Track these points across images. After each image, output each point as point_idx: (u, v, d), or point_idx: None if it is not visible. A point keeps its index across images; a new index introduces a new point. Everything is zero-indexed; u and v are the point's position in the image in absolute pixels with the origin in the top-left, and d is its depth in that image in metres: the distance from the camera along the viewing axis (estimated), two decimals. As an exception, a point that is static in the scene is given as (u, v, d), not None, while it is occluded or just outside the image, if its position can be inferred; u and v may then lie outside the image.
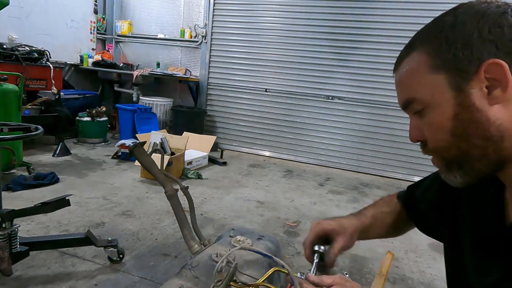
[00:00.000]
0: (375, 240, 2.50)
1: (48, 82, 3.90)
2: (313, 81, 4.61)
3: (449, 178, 0.59)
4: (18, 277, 1.67)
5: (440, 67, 0.54)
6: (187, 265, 0.85)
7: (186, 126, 4.56)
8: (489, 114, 0.51)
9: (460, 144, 0.54)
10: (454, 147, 0.55)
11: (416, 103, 0.58)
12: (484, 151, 0.53)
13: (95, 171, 3.41)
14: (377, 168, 4.46)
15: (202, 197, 3.01)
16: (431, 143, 0.59)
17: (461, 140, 0.54)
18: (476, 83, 0.51)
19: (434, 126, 0.57)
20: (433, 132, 0.57)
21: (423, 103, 0.57)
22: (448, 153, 0.57)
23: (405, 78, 0.60)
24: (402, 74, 0.60)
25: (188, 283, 0.78)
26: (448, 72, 0.53)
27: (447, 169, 0.59)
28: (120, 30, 5.69)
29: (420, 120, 0.59)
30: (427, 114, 0.57)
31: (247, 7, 4.82)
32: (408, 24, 4.08)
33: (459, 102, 0.53)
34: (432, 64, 0.55)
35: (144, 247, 2.08)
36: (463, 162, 0.56)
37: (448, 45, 0.53)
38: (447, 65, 0.53)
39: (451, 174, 0.59)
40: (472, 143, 0.53)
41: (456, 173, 0.58)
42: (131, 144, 2.11)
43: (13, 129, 1.88)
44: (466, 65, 0.52)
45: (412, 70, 0.58)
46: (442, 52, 0.53)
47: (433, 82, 0.55)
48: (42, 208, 1.71)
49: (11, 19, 4.06)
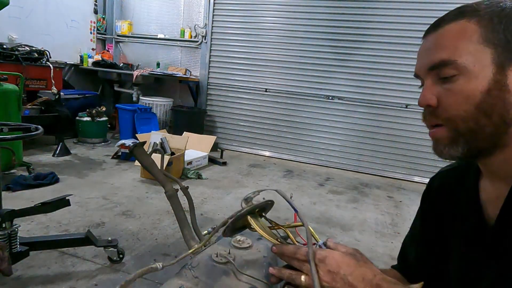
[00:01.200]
0: (375, 240, 2.51)
1: (48, 82, 3.90)
2: (313, 81, 4.61)
3: (449, 150, 0.59)
4: (18, 277, 1.67)
5: (490, 41, 0.54)
6: (187, 265, 0.85)
7: (186, 126, 4.56)
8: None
9: (480, 119, 0.55)
10: (473, 119, 0.55)
11: (452, 67, 0.57)
12: (496, 131, 0.55)
13: (95, 171, 3.41)
14: (377, 168, 4.46)
15: (202, 197, 3.01)
16: (450, 111, 0.57)
17: (483, 115, 0.55)
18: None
19: (463, 94, 0.56)
20: (458, 101, 0.56)
21: (460, 69, 0.56)
22: (464, 124, 0.56)
23: (449, 40, 0.58)
24: (445, 36, 0.58)
25: (188, 283, 0.78)
26: (497, 49, 0.54)
27: (452, 141, 0.58)
28: (120, 30, 5.69)
29: (440, 86, 0.59)
30: (458, 81, 0.56)
31: (247, 7, 4.82)
32: (408, 24, 4.08)
33: (497, 79, 0.54)
34: (485, 36, 0.55)
35: (144, 247, 2.08)
36: (473, 137, 0.57)
37: (505, 25, 0.54)
38: (498, 42, 0.54)
39: (453, 147, 0.58)
40: (491, 121, 0.55)
41: (460, 147, 0.58)
42: (131, 144, 2.11)
43: (13, 129, 1.88)
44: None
45: (460, 34, 0.57)
46: (497, 30, 0.54)
47: (480, 52, 0.55)
48: (42, 208, 1.71)
49: (11, 19, 4.06)
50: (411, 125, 4.17)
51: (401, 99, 4.22)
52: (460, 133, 0.57)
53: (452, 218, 0.70)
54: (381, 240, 2.53)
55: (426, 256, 0.78)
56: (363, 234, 2.60)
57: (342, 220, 2.84)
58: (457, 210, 0.69)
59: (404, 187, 4.02)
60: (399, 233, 2.62)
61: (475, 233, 0.63)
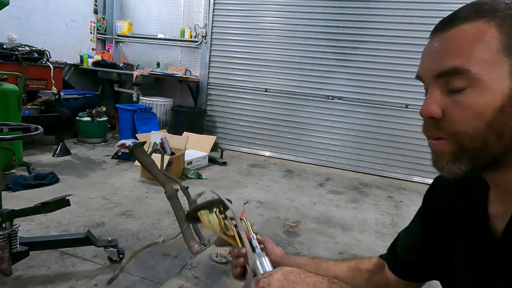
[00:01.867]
0: (375, 240, 2.51)
1: (48, 82, 3.90)
2: (313, 81, 4.61)
3: (450, 168, 0.53)
4: (18, 277, 1.67)
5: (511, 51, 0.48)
6: (187, 265, 0.85)
7: (186, 126, 4.56)
8: None
9: (490, 137, 0.50)
10: (482, 139, 0.50)
11: (463, 77, 0.50)
12: (504, 150, 0.50)
13: (95, 171, 3.41)
14: (377, 168, 4.46)
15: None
16: (457, 126, 0.51)
17: (493, 134, 0.49)
18: None
19: (473, 110, 0.50)
20: (467, 116, 0.50)
21: (472, 80, 0.49)
22: (471, 142, 0.50)
23: (463, 45, 0.50)
24: (459, 39, 0.51)
25: (188, 283, 0.78)
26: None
27: (454, 157, 0.52)
28: (120, 30, 5.69)
29: (447, 97, 0.52)
30: (469, 94, 0.50)
31: (247, 7, 4.81)
32: (408, 24, 4.08)
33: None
34: (505, 44, 0.48)
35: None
36: (478, 155, 0.51)
37: None
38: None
39: (456, 164, 0.53)
40: (501, 140, 0.49)
41: (463, 165, 0.52)
42: (131, 144, 2.11)
43: (13, 129, 1.88)
44: None
45: (477, 39, 0.49)
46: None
47: (497, 63, 0.49)
48: (42, 208, 1.71)
49: (11, 19, 4.05)
50: (411, 125, 4.16)
51: (401, 99, 4.22)
52: (465, 150, 0.51)
53: (457, 227, 0.67)
54: (381, 240, 2.53)
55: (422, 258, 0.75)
56: (363, 234, 2.60)
57: (342, 220, 2.84)
58: (463, 219, 0.65)
59: (404, 187, 4.02)
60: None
61: (482, 246, 0.59)
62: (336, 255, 2.23)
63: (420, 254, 0.76)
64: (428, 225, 0.75)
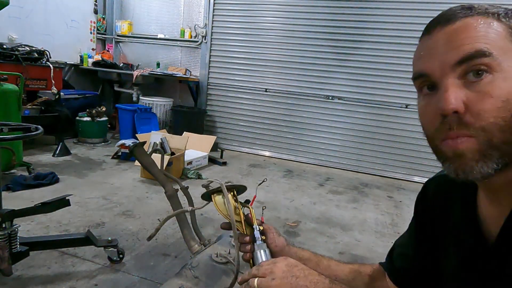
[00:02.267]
0: (375, 240, 2.51)
1: (48, 82, 3.90)
2: (313, 81, 4.61)
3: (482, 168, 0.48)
4: (18, 277, 1.67)
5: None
6: (187, 265, 0.85)
7: (186, 126, 4.56)
8: None
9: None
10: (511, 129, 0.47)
11: (487, 62, 0.47)
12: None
13: (95, 171, 3.41)
14: (377, 168, 4.46)
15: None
16: (486, 118, 0.47)
17: None
18: None
19: (501, 98, 0.46)
20: (495, 105, 0.46)
21: (494, 66, 0.47)
22: (502, 135, 0.47)
23: (480, 30, 0.48)
24: (474, 26, 0.49)
25: (188, 283, 0.78)
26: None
27: (483, 155, 0.48)
28: (120, 30, 5.69)
29: (468, 88, 0.49)
30: (495, 81, 0.47)
31: (247, 7, 4.81)
32: (408, 24, 4.08)
33: None
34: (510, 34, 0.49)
35: (144, 247, 2.08)
36: (509, 150, 0.47)
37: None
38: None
39: (486, 163, 0.48)
40: None
41: (493, 163, 0.48)
42: (131, 144, 2.11)
43: (13, 129, 1.88)
44: None
45: (490, 27, 0.48)
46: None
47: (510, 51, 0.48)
48: (42, 208, 1.71)
49: (11, 19, 4.06)
50: (411, 125, 4.16)
51: (401, 99, 4.22)
52: (494, 145, 0.47)
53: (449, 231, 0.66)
54: (381, 240, 2.53)
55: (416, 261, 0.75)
56: (363, 234, 2.60)
57: (342, 220, 2.84)
58: (455, 223, 0.65)
59: (404, 187, 4.02)
60: (399, 233, 2.61)
61: (475, 250, 0.58)
62: (336, 255, 2.23)
63: (415, 261, 0.75)
64: (421, 231, 0.75)
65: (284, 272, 0.64)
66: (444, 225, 0.68)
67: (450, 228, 0.66)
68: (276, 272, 0.64)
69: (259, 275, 0.65)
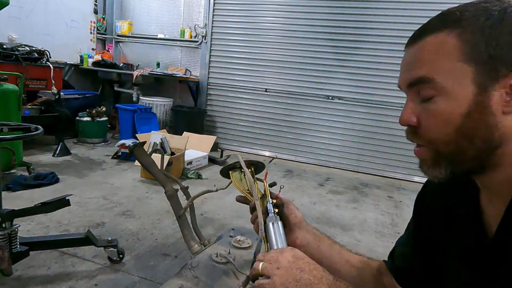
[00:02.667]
0: (375, 240, 2.51)
1: (48, 82, 3.90)
2: (313, 81, 4.61)
3: (432, 172, 0.57)
4: (18, 277, 1.67)
5: (472, 58, 0.50)
6: (187, 265, 0.85)
7: (186, 126, 4.56)
8: (498, 119, 0.50)
9: (462, 142, 0.52)
10: (454, 143, 0.53)
11: (430, 86, 0.53)
12: (480, 154, 0.52)
13: (95, 171, 3.41)
14: (377, 168, 4.46)
15: (202, 197, 2.99)
16: (431, 134, 0.55)
17: (464, 139, 0.52)
18: (500, 87, 0.50)
19: (442, 117, 0.53)
20: (437, 123, 0.53)
21: (438, 89, 0.52)
22: (445, 148, 0.54)
23: (427, 56, 0.54)
24: (424, 51, 0.54)
25: (188, 283, 0.78)
26: (478, 66, 0.50)
27: (434, 163, 0.56)
28: (120, 30, 5.69)
29: (420, 105, 0.56)
30: (437, 102, 0.53)
31: (247, 7, 4.82)
32: (408, 24, 4.08)
33: (478, 101, 0.50)
34: (465, 52, 0.50)
35: (144, 247, 2.08)
36: (455, 159, 0.54)
37: (489, 39, 0.49)
38: (480, 60, 0.50)
39: (436, 169, 0.56)
40: (473, 144, 0.52)
41: (442, 169, 0.55)
42: (131, 144, 2.11)
43: (13, 129, 1.88)
44: (499, 65, 0.49)
45: (439, 50, 0.52)
46: (479, 45, 0.50)
47: (459, 71, 0.51)
48: (42, 208, 1.71)
49: (11, 19, 4.06)
50: (411, 125, 4.15)
51: (401, 99, 4.22)
52: (442, 155, 0.55)
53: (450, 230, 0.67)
54: (381, 240, 2.54)
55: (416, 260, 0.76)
56: (363, 234, 2.60)
57: (342, 220, 2.84)
58: (456, 222, 0.66)
59: (404, 187, 4.02)
60: (399, 233, 2.61)
61: (476, 247, 0.60)
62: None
63: (416, 260, 0.76)
64: (421, 229, 0.75)
65: (289, 263, 0.63)
66: (445, 224, 0.68)
67: (452, 226, 0.67)
68: (281, 261, 0.64)
69: (264, 261, 0.65)
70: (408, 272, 0.78)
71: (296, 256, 0.65)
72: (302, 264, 0.63)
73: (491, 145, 0.51)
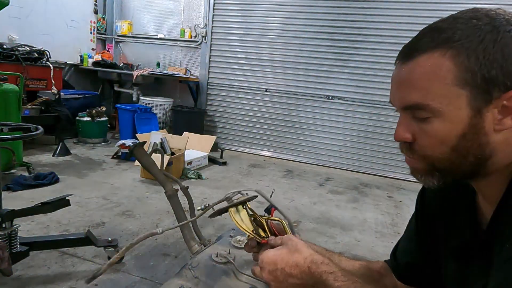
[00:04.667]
0: (375, 240, 2.51)
1: (48, 82, 3.90)
2: (313, 81, 4.61)
3: (425, 180, 0.60)
4: (18, 277, 1.67)
5: (467, 82, 0.51)
6: (187, 265, 0.85)
7: (186, 126, 4.56)
8: (490, 137, 0.52)
9: (456, 159, 0.55)
10: (448, 160, 0.55)
11: (425, 111, 0.54)
12: (472, 168, 0.55)
13: (95, 171, 3.41)
14: (377, 168, 4.46)
15: (202, 197, 3.01)
16: (426, 151, 0.57)
17: (458, 156, 0.54)
18: (493, 108, 0.51)
19: (437, 138, 0.54)
20: (433, 143, 0.55)
21: (434, 112, 0.53)
22: (440, 164, 0.56)
23: (421, 81, 0.54)
24: (418, 74, 0.54)
25: (188, 283, 0.78)
26: (473, 90, 0.51)
27: (427, 173, 0.59)
28: (120, 30, 5.69)
29: (415, 124, 0.57)
30: (432, 123, 0.54)
31: (247, 7, 4.81)
32: (408, 24, 4.08)
33: (473, 123, 0.52)
34: (459, 76, 0.51)
35: (144, 247, 2.08)
36: (449, 173, 0.57)
37: (484, 62, 0.49)
38: (475, 83, 0.50)
39: (429, 179, 0.59)
40: (466, 160, 0.54)
41: (435, 180, 0.58)
42: (131, 144, 2.11)
43: (13, 129, 1.88)
44: (492, 87, 0.50)
45: (433, 75, 0.52)
46: (474, 68, 0.50)
47: (454, 95, 0.52)
48: (42, 208, 1.71)
49: (11, 19, 4.05)
50: (411, 125, 4.16)
51: (401, 99, 4.22)
52: (435, 168, 0.57)
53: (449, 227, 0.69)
54: (381, 240, 2.54)
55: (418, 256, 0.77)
56: (363, 234, 2.60)
57: (342, 220, 2.84)
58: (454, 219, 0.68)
59: (404, 187, 4.02)
60: (399, 233, 2.61)
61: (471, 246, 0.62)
62: (336, 255, 2.23)
63: (418, 256, 0.77)
64: (421, 227, 0.77)
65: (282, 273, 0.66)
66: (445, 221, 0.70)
67: (451, 224, 0.69)
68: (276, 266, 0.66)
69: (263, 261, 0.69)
70: (410, 268, 0.79)
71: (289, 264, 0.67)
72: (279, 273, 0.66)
73: (482, 159, 0.54)
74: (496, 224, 0.55)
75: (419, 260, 0.77)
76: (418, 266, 0.77)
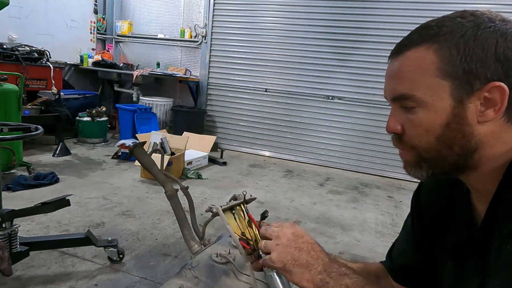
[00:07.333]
0: (375, 240, 2.51)
1: (48, 82, 3.90)
2: (313, 81, 4.61)
3: (415, 173, 0.62)
4: (18, 277, 1.67)
5: (448, 74, 0.54)
6: (187, 265, 0.85)
7: (186, 126, 4.56)
8: (474, 128, 0.55)
9: (442, 149, 0.57)
10: (435, 150, 0.57)
11: (411, 101, 0.57)
12: (458, 159, 0.57)
13: (95, 171, 3.41)
14: (377, 168, 4.46)
15: (202, 197, 3.01)
16: (413, 141, 0.59)
17: (444, 146, 0.56)
18: (475, 99, 0.54)
19: (423, 127, 0.57)
20: (419, 132, 0.58)
21: (419, 102, 0.56)
22: (427, 154, 0.58)
23: (407, 73, 0.58)
24: (405, 67, 0.58)
25: (188, 283, 0.78)
26: (455, 81, 0.54)
27: (417, 165, 0.61)
28: (120, 30, 5.69)
29: (404, 115, 0.59)
30: (418, 113, 0.57)
31: (247, 7, 4.82)
32: (408, 24, 4.07)
33: (456, 113, 0.54)
34: (442, 68, 0.54)
35: (144, 247, 2.08)
36: (436, 164, 0.59)
37: (464, 55, 0.53)
38: (456, 75, 0.53)
39: (418, 171, 0.61)
40: (452, 150, 0.56)
41: (424, 171, 0.60)
42: (131, 144, 2.11)
43: (13, 129, 1.88)
44: (473, 79, 0.53)
45: (418, 67, 0.56)
46: (455, 60, 0.53)
47: (437, 86, 0.55)
48: (42, 208, 1.71)
49: (11, 19, 4.05)
50: (411, 125, 4.16)
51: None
52: (423, 159, 0.59)
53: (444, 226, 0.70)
54: (381, 240, 2.54)
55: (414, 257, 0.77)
56: (363, 234, 2.60)
57: (342, 220, 2.84)
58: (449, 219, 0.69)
59: (404, 187, 4.02)
60: (399, 233, 2.61)
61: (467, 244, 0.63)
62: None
63: (414, 257, 0.77)
64: (417, 227, 0.78)
65: (289, 241, 0.65)
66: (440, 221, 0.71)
67: (446, 224, 0.70)
68: (281, 237, 0.66)
69: (266, 235, 0.68)
70: (406, 269, 0.79)
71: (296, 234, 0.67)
72: (301, 244, 0.66)
73: (468, 150, 0.56)
74: (490, 222, 0.56)
75: (415, 261, 0.77)
76: (414, 267, 0.77)
